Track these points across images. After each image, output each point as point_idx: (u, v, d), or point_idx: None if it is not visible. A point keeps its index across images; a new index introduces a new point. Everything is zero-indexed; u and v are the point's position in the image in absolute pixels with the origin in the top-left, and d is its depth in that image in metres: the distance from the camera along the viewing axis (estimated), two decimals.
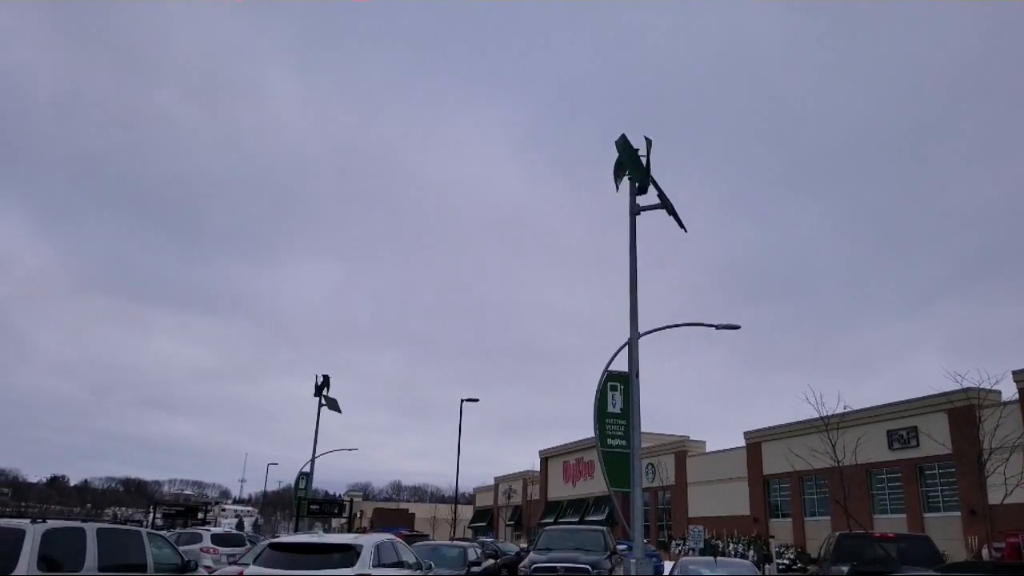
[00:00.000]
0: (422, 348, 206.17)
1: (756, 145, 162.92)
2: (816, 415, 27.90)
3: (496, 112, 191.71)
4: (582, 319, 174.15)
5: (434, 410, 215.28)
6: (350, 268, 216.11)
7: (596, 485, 58.73)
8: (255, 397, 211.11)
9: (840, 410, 28.55)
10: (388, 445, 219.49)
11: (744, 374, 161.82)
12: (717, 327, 19.87)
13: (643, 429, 14.03)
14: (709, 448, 51.80)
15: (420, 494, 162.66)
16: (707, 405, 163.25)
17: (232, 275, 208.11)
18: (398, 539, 13.48)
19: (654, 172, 12.80)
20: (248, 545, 26.08)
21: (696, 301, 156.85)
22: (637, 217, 13.31)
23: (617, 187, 13.16)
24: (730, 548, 42.32)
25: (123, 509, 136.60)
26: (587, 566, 17.10)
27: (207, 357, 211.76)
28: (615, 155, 12.90)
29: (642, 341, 13.89)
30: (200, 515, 48.30)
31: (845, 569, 16.28)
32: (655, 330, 17.31)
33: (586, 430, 67.25)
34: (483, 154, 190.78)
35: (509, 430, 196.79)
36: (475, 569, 20.04)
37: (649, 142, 12.83)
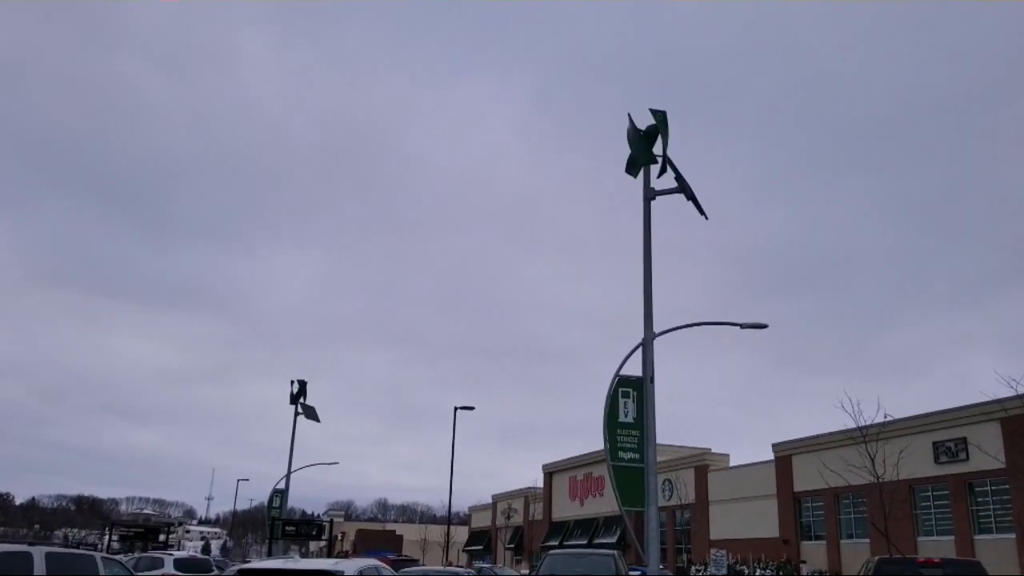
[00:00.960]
0: (415, 348, 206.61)
1: (790, 120, 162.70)
2: (853, 425, 27.96)
3: (499, 83, 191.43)
4: (594, 315, 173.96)
5: (427, 417, 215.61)
6: (335, 258, 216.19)
7: (606, 504, 58.84)
8: (227, 403, 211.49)
9: (880, 419, 28.60)
10: (375, 457, 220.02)
11: (773, 378, 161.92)
12: (742, 326, 19.82)
13: (659, 441, 14.04)
14: (733, 462, 51.89)
15: (409, 513, 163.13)
16: (731, 414, 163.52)
17: (203, 266, 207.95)
18: (384, 565, 13.51)
19: (672, 151, 12.80)
20: (215, 571, 26.13)
21: (720, 296, 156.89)
22: (652, 202, 13.30)
23: (631, 171, 13.14)
24: (756, 574, 42.42)
25: (75, 531, 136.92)
26: None
27: (174, 358, 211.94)
28: (664, 112, 12.88)
29: (658, 342, 13.89)
30: (162, 537, 48.36)
31: None
32: (672, 329, 17.31)
33: (595, 442, 66.82)
34: (484, 131, 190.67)
35: (510, 441, 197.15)
36: None
37: (664, 118, 12.81)
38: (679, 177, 13.06)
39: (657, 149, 13.09)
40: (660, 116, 12.97)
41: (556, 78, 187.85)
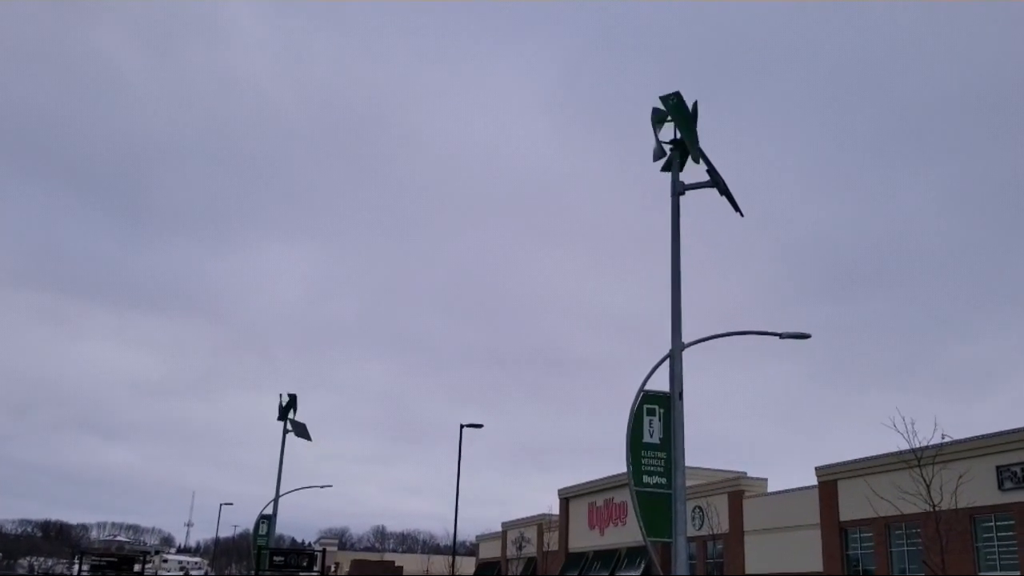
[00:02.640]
0: (419, 356, 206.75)
1: (846, 101, 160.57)
2: (906, 446, 27.78)
3: (520, 59, 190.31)
4: (622, 320, 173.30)
5: (431, 435, 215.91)
6: (331, 255, 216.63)
7: (629, 533, 58.69)
8: (210, 418, 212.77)
9: (937, 440, 28.40)
10: (372, 480, 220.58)
11: (819, 393, 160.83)
12: (782, 336, 19.72)
13: (688, 463, 14.00)
14: (772, 487, 51.64)
15: (410, 543, 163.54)
16: (770, 433, 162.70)
17: (185, 264, 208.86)
18: None
19: (712, 138, 12.82)
20: None
21: (762, 299, 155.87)
22: (682, 197, 13.31)
23: (660, 162, 13.16)
24: None
25: (41, 560, 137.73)
26: None
27: (151, 367, 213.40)
28: (696, 100, 12.89)
29: (689, 352, 13.88)
30: (137, 567, 48.63)
31: None
32: (703, 340, 17.27)
33: (618, 464, 66.70)
34: (502, 113, 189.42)
35: (523, 462, 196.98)
36: None
37: (695, 106, 12.81)
38: (712, 170, 13.07)
39: (687, 138, 13.09)
40: (674, 101, 12.96)
41: (585, 53, 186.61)
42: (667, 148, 13.44)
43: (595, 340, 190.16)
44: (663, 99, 13.28)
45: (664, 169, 13.71)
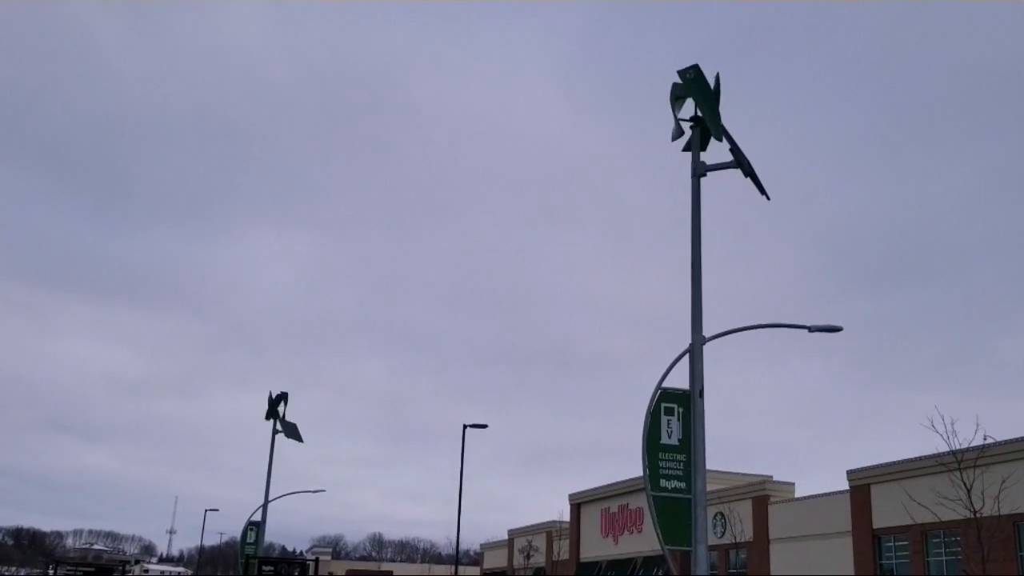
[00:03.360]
0: (421, 353, 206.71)
1: (890, 73, 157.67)
2: (945, 448, 27.77)
3: (534, 25, 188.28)
4: (641, 313, 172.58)
5: (433, 437, 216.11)
6: (328, 243, 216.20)
7: (646, 541, 58.83)
8: (195, 419, 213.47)
9: (979, 441, 28.39)
10: (370, 485, 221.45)
11: (852, 392, 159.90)
12: (811, 329, 19.69)
13: (710, 466, 14.04)
14: (799, 492, 51.71)
15: (409, 551, 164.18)
16: (799, 434, 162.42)
17: (169, 252, 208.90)
18: None
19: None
20: None
21: (792, 290, 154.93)
22: (703, 179, 13.31)
23: (682, 141, 13.15)
24: None
25: (13, 569, 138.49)
26: None
27: (132, 364, 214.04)
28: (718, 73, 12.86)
29: (711, 348, 13.89)
30: None
31: None
32: (726, 333, 17.25)
33: (633, 466, 67.14)
34: (514, 85, 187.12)
35: (533, 465, 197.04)
36: None
37: (716, 82, 12.79)
38: (735, 149, 13.06)
39: (709, 114, 13.08)
40: (692, 75, 12.94)
41: (606, 17, 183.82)
42: (686, 126, 13.43)
43: (611, 335, 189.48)
44: (681, 73, 13.26)
45: (685, 149, 13.71)
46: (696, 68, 13.08)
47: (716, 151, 13.57)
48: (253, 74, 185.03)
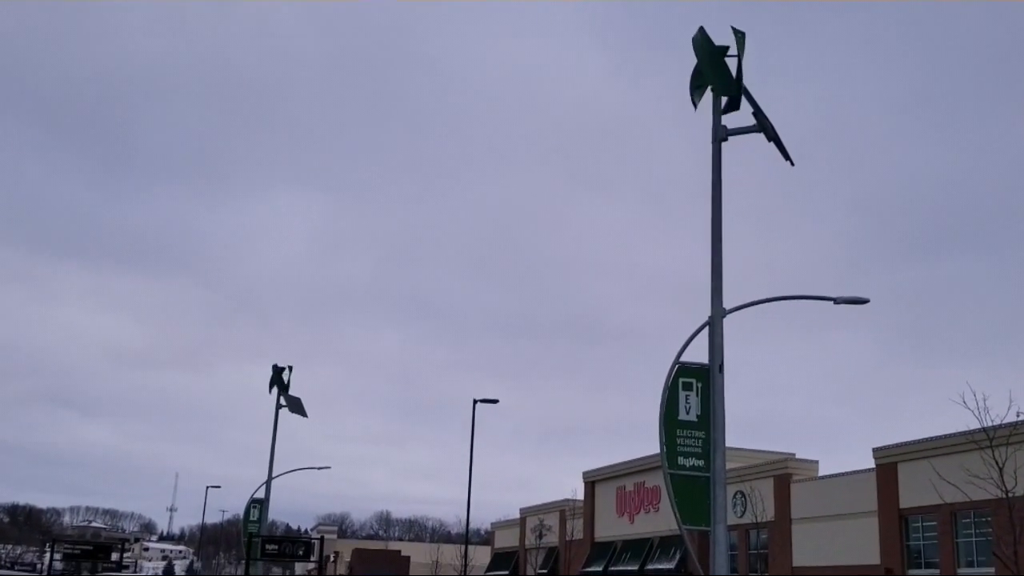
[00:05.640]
0: (438, 323, 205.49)
1: (944, 27, 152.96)
2: (977, 425, 27.76)
3: None
4: (677, 282, 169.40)
5: (448, 412, 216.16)
6: (343, 205, 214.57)
7: (663, 520, 59.06)
8: (199, 392, 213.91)
9: (1012, 418, 28.37)
10: (380, 462, 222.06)
11: (892, 366, 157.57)
12: (836, 301, 19.49)
13: (730, 444, 14.07)
14: (823, 470, 51.74)
15: (417, 530, 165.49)
16: (826, 411, 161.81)
17: (173, 215, 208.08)
18: None
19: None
20: None
21: (836, 257, 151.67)
22: (725, 144, 13.27)
23: (695, 104, 13.09)
24: None
25: (9, 547, 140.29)
26: None
27: (134, 334, 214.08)
28: (741, 27, 12.73)
29: (737, 320, 13.89)
30: (114, 556, 49.44)
31: None
32: (746, 305, 17.22)
33: (650, 443, 67.15)
34: (542, 36, 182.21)
35: (552, 442, 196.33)
36: None
37: (741, 37, 12.70)
38: (758, 112, 13.03)
39: (729, 76, 13.01)
40: (699, 37, 12.86)
41: None
42: (709, 90, 13.39)
43: (641, 306, 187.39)
44: (695, 40, 13.21)
45: (697, 104, 13.67)
46: (701, 31, 12.99)
47: (739, 116, 13.49)
48: (264, 23, 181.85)
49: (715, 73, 13.18)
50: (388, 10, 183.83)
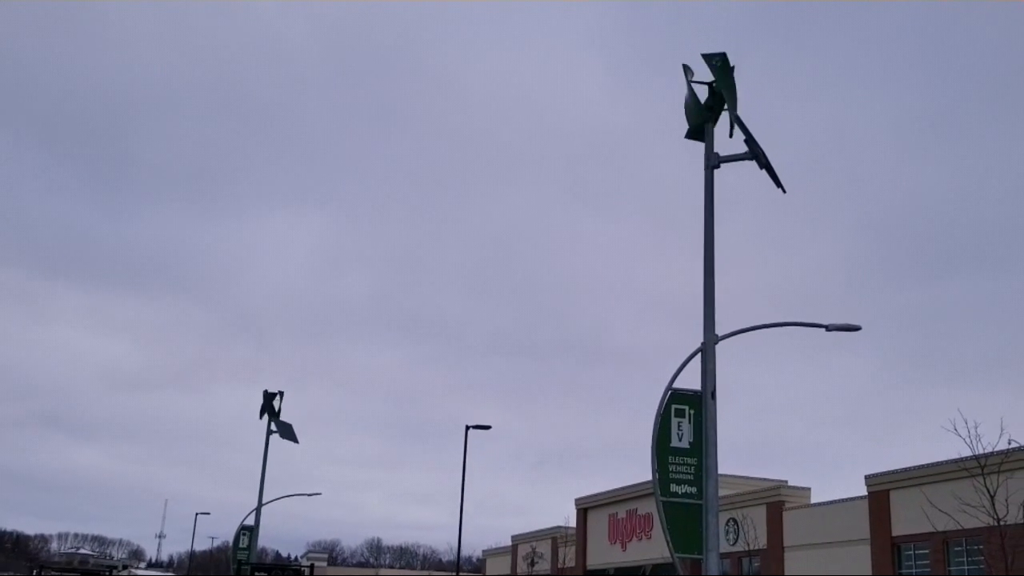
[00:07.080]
0: (438, 344, 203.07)
1: (953, 40, 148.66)
2: (968, 452, 27.81)
3: None
4: (680, 304, 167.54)
5: (445, 435, 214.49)
6: (343, 223, 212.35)
7: (655, 548, 58.92)
8: (194, 415, 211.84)
9: (1004, 445, 28.42)
10: (374, 486, 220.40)
11: (889, 391, 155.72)
12: (828, 328, 19.60)
13: (722, 471, 14.09)
14: (816, 498, 51.73)
15: (408, 557, 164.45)
16: (819, 438, 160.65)
17: (170, 233, 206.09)
18: None
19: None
20: None
21: (838, 277, 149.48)
22: (716, 171, 13.39)
23: (689, 132, 13.21)
24: None
25: None
26: None
27: (129, 355, 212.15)
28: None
29: (732, 346, 13.95)
30: None
31: None
32: (738, 332, 17.30)
33: (642, 470, 67.14)
34: (549, 48, 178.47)
35: (552, 466, 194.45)
36: None
37: (730, 69, 12.84)
38: (750, 139, 13.13)
39: (727, 102, 13.14)
40: (724, 64, 12.99)
41: None
42: (699, 117, 13.51)
43: (644, 327, 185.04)
44: (686, 68, 13.40)
45: (688, 136, 13.78)
46: (685, 69, 13.15)
47: (733, 143, 13.56)
48: (264, 40, 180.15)
49: (706, 102, 13.33)
50: (390, 28, 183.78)
